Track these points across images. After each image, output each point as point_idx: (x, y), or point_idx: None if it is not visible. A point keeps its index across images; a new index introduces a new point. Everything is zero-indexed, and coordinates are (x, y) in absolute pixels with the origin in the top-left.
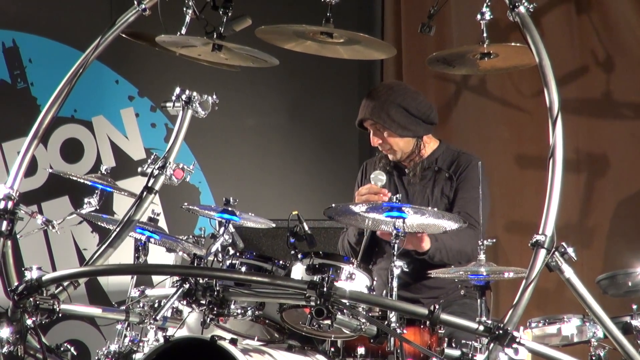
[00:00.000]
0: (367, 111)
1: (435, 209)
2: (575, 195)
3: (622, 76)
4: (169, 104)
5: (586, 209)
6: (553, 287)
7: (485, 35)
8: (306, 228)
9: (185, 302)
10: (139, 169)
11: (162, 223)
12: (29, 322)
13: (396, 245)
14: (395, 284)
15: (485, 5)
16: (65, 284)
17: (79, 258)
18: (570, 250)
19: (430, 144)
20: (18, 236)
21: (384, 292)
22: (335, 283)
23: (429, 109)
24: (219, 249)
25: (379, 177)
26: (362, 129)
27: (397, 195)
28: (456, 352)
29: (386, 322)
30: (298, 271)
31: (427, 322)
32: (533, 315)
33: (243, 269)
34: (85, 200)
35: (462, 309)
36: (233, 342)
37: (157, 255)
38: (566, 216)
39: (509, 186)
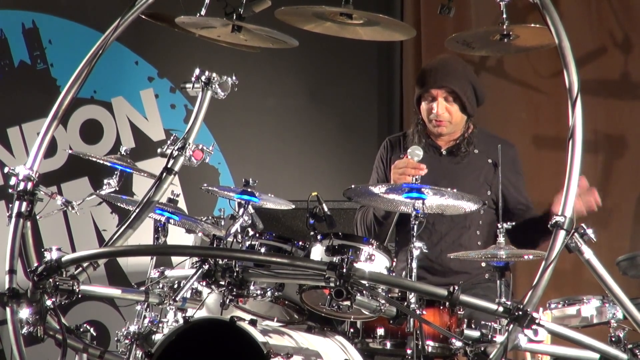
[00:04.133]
0: (446, 79)
1: (455, 190)
2: (593, 176)
3: None
4: (189, 85)
5: (604, 190)
6: (570, 269)
7: (504, 16)
8: (326, 209)
9: (204, 283)
10: (159, 150)
11: (182, 204)
12: (48, 303)
13: (416, 226)
14: (414, 264)
15: None
16: (85, 265)
17: (99, 239)
18: (589, 232)
19: (469, 127)
20: (38, 217)
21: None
22: (354, 264)
23: (484, 95)
24: (239, 230)
25: (415, 152)
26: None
27: (417, 176)
28: (476, 333)
29: (405, 303)
30: (317, 252)
31: (447, 303)
32: (550, 297)
33: (262, 250)
34: (105, 181)
35: (485, 291)
36: (252, 323)
37: (177, 236)
38: None
39: (527, 167)
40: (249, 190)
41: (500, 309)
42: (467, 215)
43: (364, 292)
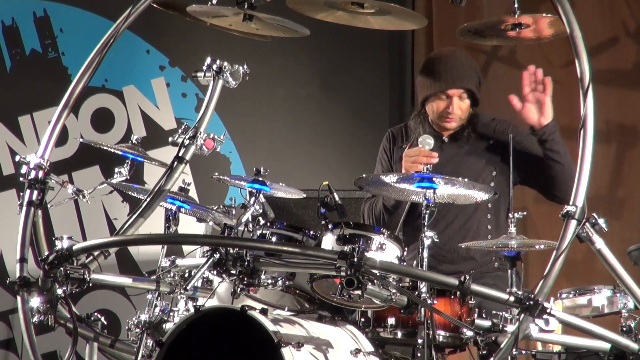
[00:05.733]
0: (462, 79)
1: (466, 179)
2: (606, 166)
3: None
4: (200, 74)
5: (616, 180)
6: (582, 258)
7: (516, 5)
8: (337, 198)
9: (215, 272)
10: (170, 139)
11: (193, 193)
12: (59, 291)
13: (427, 216)
14: (425, 254)
15: None
16: (96, 253)
17: (110, 228)
18: (601, 221)
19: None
20: (49, 206)
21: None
22: (365, 253)
23: (483, 81)
24: (250, 219)
25: (426, 141)
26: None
27: (428, 165)
28: (487, 323)
29: (416, 293)
30: (328, 241)
31: (458, 293)
32: (562, 287)
33: (273, 239)
34: (116, 169)
35: (495, 280)
36: (263, 312)
37: (188, 225)
38: (596, 187)
39: None
40: (260, 179)
41: (512, 298)
42: None
43: (375, 281)
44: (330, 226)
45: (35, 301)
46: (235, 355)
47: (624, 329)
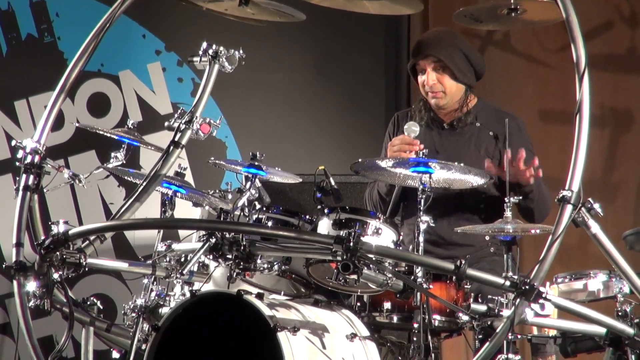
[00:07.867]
0: (431, 48)
1: (462, 164)
2: (600, 150)
3: None
4: (196, 59)
5: (611, 164)
6: (576, 243)
7: None
8: (333, 183)
9: (211, 257)
10: (166, 124)
11: (189, 177)
12: (55, 276)
13: (422, 200)
14: (421, 238)
15: None
16: (92, 238)
17: (106, 212)
18: (596, 206)
19: (470, 99)
20: (45, 190)
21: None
22: (361, 238)
23: (483, 62)
24: (246, 204)
25: (412, 128)
26: (412, 74)
27: (424, 150)
28: (482, 307)
29: (412, 277)
30: (324, 226)
31: (454, 277)
32: (556, 271)
33: (269, 223)
34: (112, 154)
35: (491, 265)
36: (259, 296)
37: (184, 209)
38: (590, 172)
39: (534, 142)
40: (256, 163)
41: (507, 283)
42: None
43: (371, 265)
44: (326, 211)
45: (32, 285)
46: (231, 339)
47: (620, 313)
